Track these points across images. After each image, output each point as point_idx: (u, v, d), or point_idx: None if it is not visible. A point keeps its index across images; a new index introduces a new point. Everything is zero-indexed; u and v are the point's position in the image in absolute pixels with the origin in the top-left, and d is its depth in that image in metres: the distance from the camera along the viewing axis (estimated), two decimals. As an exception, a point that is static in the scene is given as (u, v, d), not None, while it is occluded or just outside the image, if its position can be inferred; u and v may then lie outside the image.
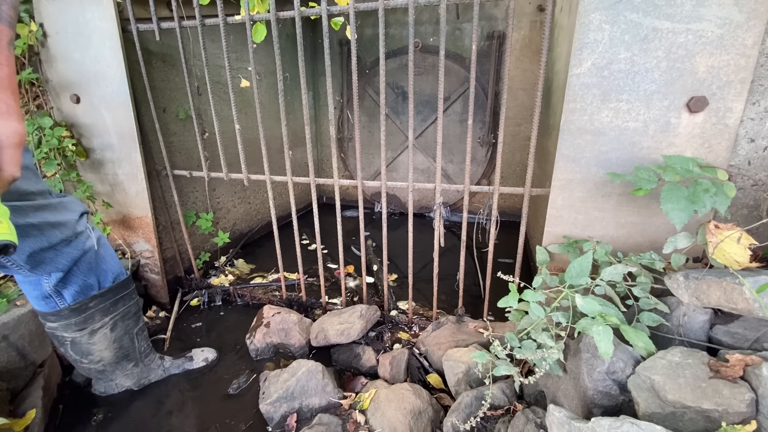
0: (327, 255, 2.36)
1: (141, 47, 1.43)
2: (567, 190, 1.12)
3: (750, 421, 0.67)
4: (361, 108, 3.09)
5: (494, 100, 2.69)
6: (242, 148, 1.47)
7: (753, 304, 0.80)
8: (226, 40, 1.31)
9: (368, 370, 1.35)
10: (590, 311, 0.87)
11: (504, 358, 0.99)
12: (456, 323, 1.41)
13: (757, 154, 0.99)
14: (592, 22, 0.95)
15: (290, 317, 1.49)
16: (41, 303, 1.06)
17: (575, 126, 1.05)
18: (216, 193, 2.18)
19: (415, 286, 1.57)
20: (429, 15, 2.74)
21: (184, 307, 1.78)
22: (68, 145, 1.51)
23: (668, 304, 0.96)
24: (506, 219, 2.93)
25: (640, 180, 0.93)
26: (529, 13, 2.55)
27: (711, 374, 0.74)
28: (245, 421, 1.20)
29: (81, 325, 1.10)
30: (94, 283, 1.11)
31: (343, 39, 2.97)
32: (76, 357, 1.16)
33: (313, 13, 1.23)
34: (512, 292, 1.04)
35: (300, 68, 1.28)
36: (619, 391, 0.83)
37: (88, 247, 1.06)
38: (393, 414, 1.07)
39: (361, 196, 1.43)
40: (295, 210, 1.51)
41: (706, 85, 0.94)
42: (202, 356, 1.43)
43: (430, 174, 3.10)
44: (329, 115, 1.31)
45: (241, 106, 2.26)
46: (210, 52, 1.97)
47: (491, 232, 1.30)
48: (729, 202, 0.84)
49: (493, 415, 0.99)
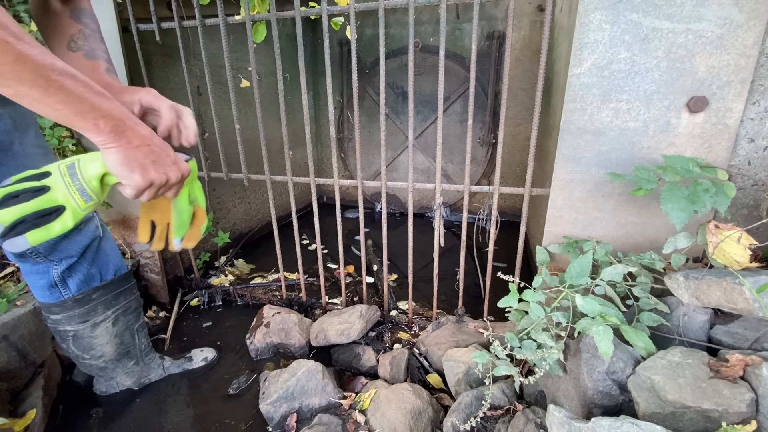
0: (327, 255, 2.36)
1: (141, 47, 1.43)
2: (567, 190, 1.12)
3: (750, 421, 0.67)
4: (361, 108, 3.09)
5: (494, 100, 2.69)
6: (242, 148, 1.47)
7: (753, 304, 0.80)
8: (226, 40, 1.31)
9: (368, 370, 1.35)
10: (590, 311, 0.87)
11: (504, 358, 0.99)
12: (456, 323, 1.41)
13: (757, 154, 0.99)
14: (592, 22, 0.95)
15: (290, 317, 1.49)
16: (46, 293, 1.06)
17: (575, 126, 1.05)
18: (216, 193, 2.18)
19: (415, 286, 1.57)
20: (429, 15, 2.74)
21: (184, 307, 1.78)
22: (68, 145, 1.51)
23: (668, 304, 0.96)
24: (506, 219, 2.93)
25: (640, 180, 0.93)
26: (529, 13, 2.55)
27: (711, 374, 0.74)
28: (245, 421, 1.20)
29: (84, 317, 1.11)
30: (96, 274, 1.12)
31: (343, 39, 2.97)
32: (78, 353, 1.16)
33: (313, 13, 1.23)
34: (512, 292, 1.04)
35: (300, 68, 1.28)
36: (619, 391, 0.83)
37: (96, 234, 1.09)
38: (393, 414, 1.07)
39: (361, 196, 1.43)
40: (295, 210, 1.51)
41: (706, 85, 0.94)
42: (201, 356, 1.43)
43: (430, 174, 3.10)
44: (329, 115, 1.31)
45: (241, 106, 2.26)
46: (210, 52, 1.97)
47: (491, 232, 1.30)
48: (729, 202, 0.84)
49: (493, 415, 0.99)
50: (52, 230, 0.66)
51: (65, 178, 0.66)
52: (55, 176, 0.66)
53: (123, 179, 0.67)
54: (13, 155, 0.86)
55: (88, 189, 0.67)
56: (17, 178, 0.65)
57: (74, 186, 0.66)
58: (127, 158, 0.66)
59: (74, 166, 0.67)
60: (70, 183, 0.66)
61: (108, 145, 0.64)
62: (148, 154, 0.68)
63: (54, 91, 0.58)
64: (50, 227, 0.66)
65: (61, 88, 0.58)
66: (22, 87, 0.56)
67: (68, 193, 0.66)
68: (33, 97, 0.57)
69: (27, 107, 0.59)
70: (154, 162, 0.68)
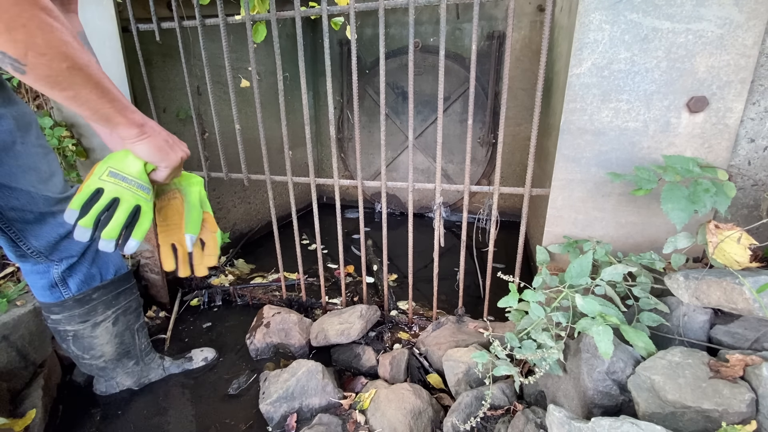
0: (327, 255, 2.36)
1: (141, 47, 1.43)
2: (567, 190, 1.12)
3: (750, 421, 0.67)
4: (361, 108, 3.09)
5: (494, 100, 2.69)
6: (242, 148, 1.47)
7: (753, 304, 0.80)
8: (226, 40, 1.30)
9: (368, 370, 1.35)
10: (590, 311, 0.87)
11: (504, 358, 0.99)
12: (456, 323, 1.41)
13: (757, 154, 0.99)
14: (592, 22, 0.95)
15: (290, 317, 1.49)
16: (46, 293, 1.06)
17: (575, 126, 1.05)
18: (216, 193, 2.18)
19: (415, 286, 1.57)
20: (429, 15, 2.74)
21: (184, 307, 1.78)
22: (68, 145, 1.51)
23: (668, 304, 0.96)
24: (506, 219, 2.93)
25: (640, 180, 0.93)
26: (529, 13, 2.55)
27: (711, 374, 0.74)
28: (245, 421, 1.20)
29: (84, 317, 1.11)
30: (97, 273, 1.12)
31: (343, 39, 2.97)
32: (78, 353, 1.16)
33: (313, 13, 1.23)
34: (512, 292, 1.04)
35: (300, 68, 1.28)
36: (619, 391, 0.83)
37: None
38: (393, 414, 1.07)
39: (361, 196, 1.43)
40: (295, 210, 1.51)
41: (706, 85, 0.94)
42: (201, 356, 1.44)
43: (430, 174, 3.10)
44: (329, 115, 1.31)
45: (241, 106, 2.26)
46: (210, 52, 1.97)
47: (491, 232, 1.30)
48: (729, 202, 0.84)
49: (493, 415, 0.99)
50: (144, 226, 0.78)
51: (120, 184, 0.75)
52: (111, 188, 0.75)
53: (161, 162, 0.78)
54: (15, 155, 0.87)
55: (144, 182, 0.78)
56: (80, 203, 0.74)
57: (134, 186, 0.76)
58: (158, 145, 0.76)
59: (116, 173, 0.76)
60: (128, 186, 0.76)
61: (140, 137, 0.74)
62: (166, 137, 0.79)
63: (106, 92, 0.64)
64: (141, 224, 0.78)
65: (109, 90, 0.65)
66: (83, 90, 0.61)
67: (132, 194, 0.76)
68: (89, 99, 0.62)
69: (74, 108, 0.63)
70: (171, 144, 0.80)
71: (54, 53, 0.54)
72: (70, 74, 0.57)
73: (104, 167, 0.76)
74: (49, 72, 0.55)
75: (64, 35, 0.56)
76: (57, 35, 0.54)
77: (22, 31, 0.51)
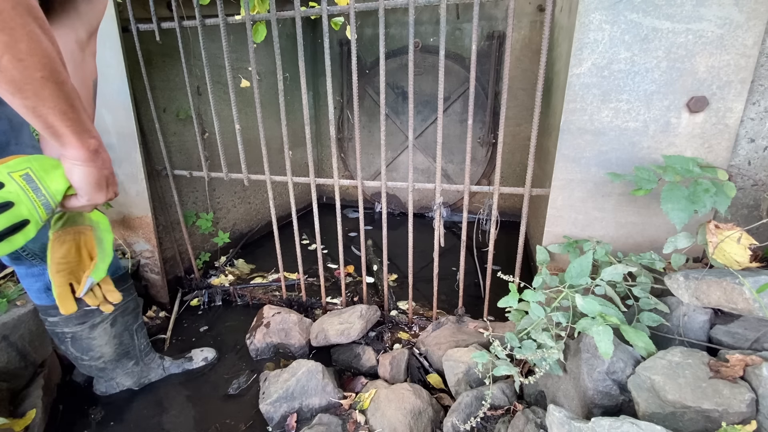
0: (327, 255, 2.36)
1: (141, 47, 1.43)
2: (567, 190, 1.12)
3: (750, 421, 0.67)
4: (361, 108, 3.09)
5: (494, 100, 2.69)
6: (242, 148, 1.47)
7: (753, 304, 0.80)
8: (226, 40, 1.30)
9: (368, 370, 1.35)
10: (590, 311, 0.87)
11: (504, 358, 0.99)
12: (456, 323, 1.41)
13: (757, 154, 0.99)
14: (592, 22, 0.95)
15: (290, 317, 1.49)
16: (42, 296, 1.06)
17: (575, 126, 1.05)
18: (216, 193, 2.18)
19: (415, 286, 1.57)
20: (429, 15, 2.74)
21: (184, 307, 1.78)
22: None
23: (668, 304, 0.96)
24: (506, 219, 2.92)
25: (640, 180, 0.93)
26: (529, 13, 2.55)
27: (711, 374, 0.74)
28: (245, 421, 1.20)
29: (82, 318, 1.11)
30: None
31: (343, 39, 2.97)
32: (77, 354, 1.16)
33: (313, 13, 1.23)
34: (512, 292, 1.04)
35: (300, 68, 1.28)
36: (619, 391, 0.83)
37: None
38: (393, 414, 1.07)
39: (361, 196, 1.43)
40: (295, 210, 1.51)
41: (706, 85, 0.94)
42: (201, 356, 1.43)
43: (430, 174, 3.10)
44: (329, 115, 1.31)
45: (241, 106, 2.26)
46: (210, 52, 1.97)
47: (491, 232, 1.30)
48: (729, 202, 0.84)
49: (493, 415, 0.99)
50: (15, 242, 0.66)
51: (28, 192, 0.65)
52: (13, 189, 0.64)
53: (87, 195, 0.71)
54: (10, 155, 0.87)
55: (52, 203, 0.68)
56: None
57: (39, 201, 0.66)
58: (96, 178, 0.70)
59: (32, 178, 0.66)
60: (35, 198, 0.66)
61: (84, 163, 0.68)
62: (109, 175, 0.74)
63: (69, 112, 0.61)
64: (14, 239, 0.66)
65: (74, 111, 0.62)
66: (47, 103, 0.58)
67: (33, 207, 0.66)
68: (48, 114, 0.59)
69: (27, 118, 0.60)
70: (109, 182, 0.75)
71: (32, 61, 0.54)
72: (41, 85, 0.56)
73: (24, 165, 0.66)
74: (19, 77, 0.54)
75: (49, 48, 0.55)
76: (42, 46, 0.54)
77: (8, 33, 0.51)
